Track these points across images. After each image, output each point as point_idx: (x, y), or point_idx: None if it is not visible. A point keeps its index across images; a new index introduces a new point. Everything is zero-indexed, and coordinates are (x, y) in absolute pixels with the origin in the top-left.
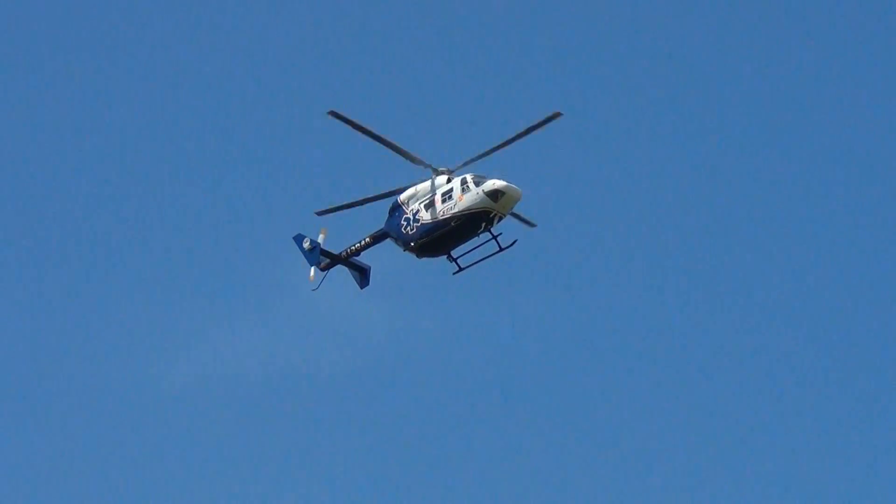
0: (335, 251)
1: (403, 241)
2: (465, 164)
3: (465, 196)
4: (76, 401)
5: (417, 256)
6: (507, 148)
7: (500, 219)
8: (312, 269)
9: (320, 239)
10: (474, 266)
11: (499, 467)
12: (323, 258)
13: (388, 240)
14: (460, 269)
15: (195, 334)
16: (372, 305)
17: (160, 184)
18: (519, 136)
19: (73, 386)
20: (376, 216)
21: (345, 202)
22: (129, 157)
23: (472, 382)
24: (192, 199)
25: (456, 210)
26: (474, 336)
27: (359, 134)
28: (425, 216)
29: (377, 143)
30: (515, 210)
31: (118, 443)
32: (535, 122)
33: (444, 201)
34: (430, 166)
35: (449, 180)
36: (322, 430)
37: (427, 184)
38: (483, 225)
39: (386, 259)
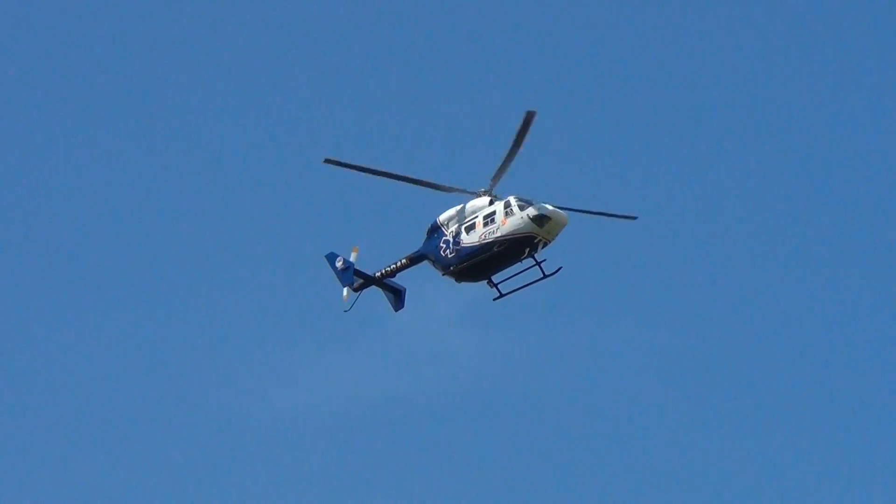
0: (369, 271)
1: (442, 265)
2: (494, 179)
3: (508, 220)
4: (173, 435)
5: (456, 281)
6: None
7: (545, 245)
8: (345, 289)
9: (352, 257)
10: (517, 293)
11: (595, 492)
12: (356, 278)
13: (425, 262)
14: (501, 296)
15: (284, 367)
16: (458, 332)
17: (237, 216)
18: (586, 212)
19: (168, 420)
20: (413, 238)
21: (364, 165)
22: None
23: (562, 408)
24: (268, 229)
25: (499, 234)
26: (561, 361)
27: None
28: (466, 239)
29: (405, 184)
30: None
31: (213, 476)
32: (610, 212)
33: (486, 224)
34: (464, 191)
35: (491, 202)
36: (418, 458)
37: (468, 205)
38: (527, 251)
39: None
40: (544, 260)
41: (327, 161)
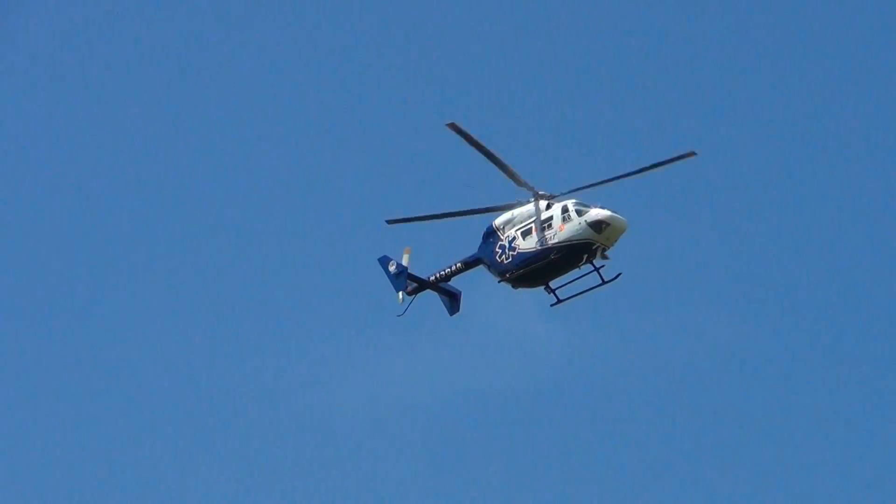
0: (423, 275)
1: (498, 271)
2: (572, 192)
3: (566, 226)
4: (260, 431)
5: (513, 287)
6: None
7: (604, 251)
8: (400, 293)
9: (404, 260)
10: (575, 298)
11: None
12: (410, 282)
13: (480, 266)
14: (559, 301)
15: (373, 361)
16: (543, 325)
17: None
18: (643, 169)
19: (255, 416)
20: (468, 241)
21: (421, 214)
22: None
23: (650, 398)
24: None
25: (556, 240)
26: (647, 352)
27: (471, 148)
28: (522, 245)
29: (486, 159)
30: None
31: (295, 467)
32: (666, 158)
33: (543, 230)
34: (532, 189)
35: (549, 206)
36: (505, 449)
37: (524, 209)
38: (585, 257)
39: None
40: (603, 266)
41: (390, 222)
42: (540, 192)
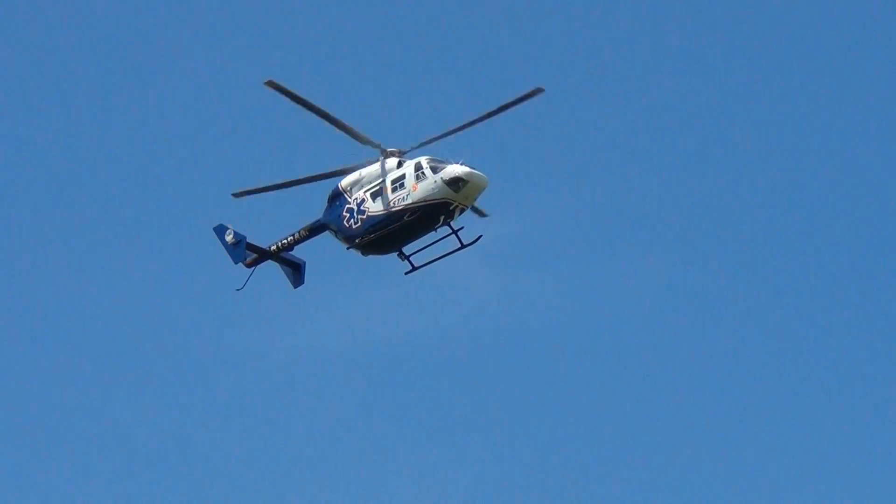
0: (264, 245)
1: (346, 237)
2: (421, 145)
3: (419, 185)
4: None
5: (363, 254)
6: (469, 129)
7: (462, 211)
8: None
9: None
10: (432, 265)
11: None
12: (249, 253)
13: (327, 233)
14: (413, 269)
15: (302, 310)
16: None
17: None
18: (491, 113)
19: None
20: (312, 204)
21: (268, 184)
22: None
23: (579, 345)
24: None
25: (409, 201)
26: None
27: (299, 107)
28: (372, 207)
29: (319, 119)
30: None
31: (228, 412)
32: (514, 98)
33: (394, 190)
34: (378, 146)
35: (400, 164)
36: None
37: (374, 167)
38: (442, 218)
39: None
40: (462, 228)
41: (236, 195)
42: (388, 150)
